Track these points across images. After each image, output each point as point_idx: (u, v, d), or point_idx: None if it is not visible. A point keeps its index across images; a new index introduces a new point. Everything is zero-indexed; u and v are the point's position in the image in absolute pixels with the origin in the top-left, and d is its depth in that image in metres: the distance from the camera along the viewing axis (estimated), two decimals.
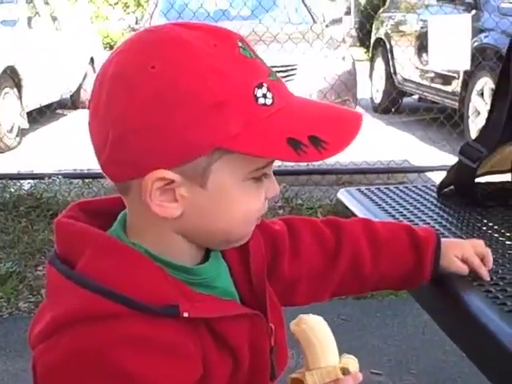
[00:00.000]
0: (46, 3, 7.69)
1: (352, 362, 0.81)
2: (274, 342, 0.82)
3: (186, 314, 0.71)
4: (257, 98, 0.71)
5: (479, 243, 1.00)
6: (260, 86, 0.71)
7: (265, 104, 0.71)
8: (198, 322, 0.73)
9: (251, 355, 0.79)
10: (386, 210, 1.39)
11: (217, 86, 0.69)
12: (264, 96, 0.71)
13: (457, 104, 5.81)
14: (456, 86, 5.93)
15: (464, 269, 0.97)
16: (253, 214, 0.77)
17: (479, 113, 5.49)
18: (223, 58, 0.71)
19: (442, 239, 0.97)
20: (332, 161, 4.58)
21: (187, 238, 0.77)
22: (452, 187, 1.44)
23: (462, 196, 1.39)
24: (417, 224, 1.28)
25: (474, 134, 5.22)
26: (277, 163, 0.81)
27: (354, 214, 1.45)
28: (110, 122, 0.72)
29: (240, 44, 0.73)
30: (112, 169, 0.74)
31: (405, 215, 1.35)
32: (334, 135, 0.73)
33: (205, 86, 0.69)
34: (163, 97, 0.69)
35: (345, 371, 0.79)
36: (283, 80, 0.78)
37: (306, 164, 4.45)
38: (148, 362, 0.68)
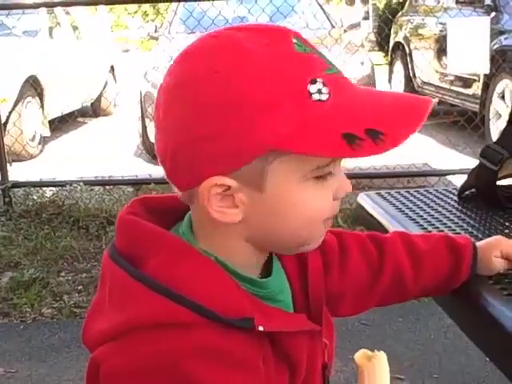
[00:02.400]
0: (67, 13, 7.80)
1: None
2: (327, 359, 0.82)
3: (261, 328, 0.70)
4: (311, 94, 0.68)
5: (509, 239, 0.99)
6: (314, 82, 0.69)
7: (320, 100, 0.69)
8: (263, 335, 0.72)
9: (307, 371, 0.78)
10: (407, 214, 1.39)
11: (267, 87, 0.68)
12: (319, 91, 0.69)
13: (477, 107, 5.77)
14: (476, 88, 5.89)
15: (507, 265, 0.96)
16: (319, 215, 0.74)
17: (500, 115, 5.45)
18: (275, 56, 0.69)
19: (478, 242, 0.96)
20: (351, 165, 4.57)
21: (256, 245, 0.75)
22: (473, 190, 1.43)
23: (484, 199, 1.38)
24: (437, 227, 1.27)
25: (495, 137, 5.16)
26: None
27: (374, 218, 1.44)
28: (168, 131, 0.72)
29: (295, 40, 0.71)
30: (175, 178, 0.74)
31: (425, 219, 1.34)
32: (393, 126, 0.69)
33: (256, 88, 0.68)
34: (214, 103, 0.68)
35: None
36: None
37: None
38: (220, 373, 0.68)
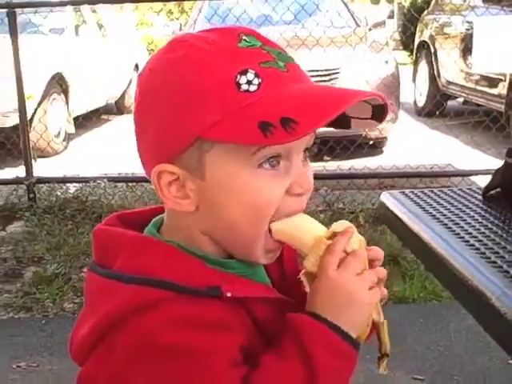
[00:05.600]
0: (93, 11, 7.86)
1: (338, 225, 0.77)
2: None
3: (229, 294, 0.72)
4: (239, 85, 0.71)
5: None
6: (244, 73, 0.71)
7: (248, 90, 0.71)
8: (237, 304, 0.74)
9: None
10: (431, 213, 1.38)
11: (198, 78, 0.72)
12: (248, 82, 0.71)
13: (503, 107, 5.69)
14: (502, 88, 5.81)
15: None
16: (264, 206, 0.74)
17: None
18: (213, 51, 0.73)
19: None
20: (374, 164, 4.54)
21: (213, 240, 0.78)
22: (498, 190, 1.41)
23: (509, 198, 1.37)
24: (462, 227, 1.26)
25: None
26: (318, 167, 0.79)
27: (396, 217, 1.43)
28: (134, 123, 0.79)
29: (244, 37, 0.74)
30: (144, 168, 0.80)
31: (449, 217, 1.33)
32: (306, 115, 0.70)
33: (185, 79, 0.72)
34: (149, 95, 0.76)
35: (335, 236, 0.76)
36: (326, 84, 0.77)
37: (348, 168, 4.43)
38: (198, 337, 0.70)
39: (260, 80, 0.71)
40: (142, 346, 0.71)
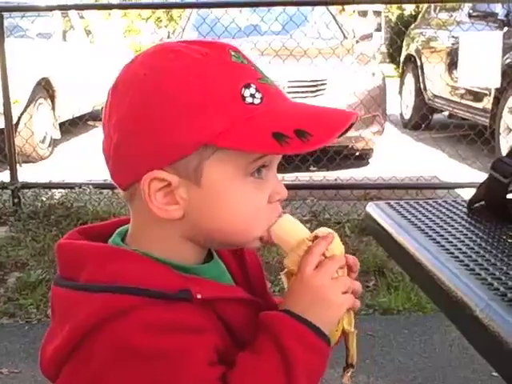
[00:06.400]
0: (81, 17, 7.85)
1: (321, 230, 0.81)
2: None
3: (199, 296, 0.73)
4: (244, 98, 0.74)
5: None
6: (248, 87, 0.75)
7: (252, 103, 0.75)
8: (206, 306, 0.75)
9: None
10: (416, 225, 1.39)
11: (199, 88, 0.73)
12: (252, 96, 0.75)
13: (487, 121, 5.75)
14: (487, 102, 5.88)
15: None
16: (252, 214, 0.78)
17: (511, 130, 5.43)
18: (211, 63, 0.75)
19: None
20: (360, 175, 4.57)
21: (190, 239, 0.79)
22: (483, 203, 1.43)
23: (493, 211, 1.38)
24: (447, 238, 1.27)
25: (505, 151, 5.16)
26: (305, 177, 0.82)
27: (382, 228, 1.44)
28: (111, 131, 0.77)
29: (233, 53, 0.77)
30: (117, 176, 0.79)
31: (434, 230, 1.34)
32: (318, 128, 0.75)
33: (188, 88, 0.73)
34: (150, 99, 0.74)
35: (316, 239, 0.79)
36: (313, 94, 0.80)
37: (334, 178, 4.45)
38: (173, 339, 0.71)
39: (261, 94, 0.76)
40: (118, 350, 0.71)
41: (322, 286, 0.78)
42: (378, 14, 17.98)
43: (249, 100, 0.74)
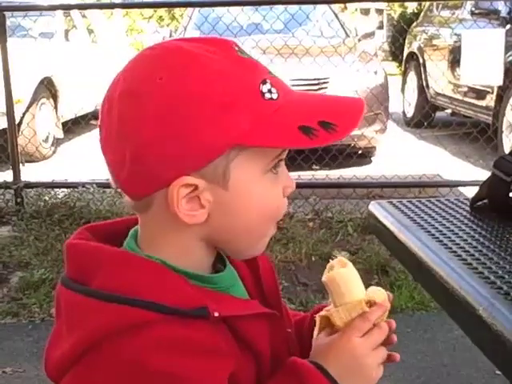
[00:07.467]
0: (83, 16, 7.85)
1: (378, 294, 0.81)
2: (292, 348, 0.84)
3: (216, 314, 0.71)
4: (263, 94, 0.74)
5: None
6: (264, 82, 0.74)
7: (271, 98, 0.74)
8: (219, 322, 0.73)
9: (272, 358, 0.79)
10: (418, 223, 1.39)
11: (224, 87, 0.72)
12: (269, 91, 0.74)
13: (490, 119, 5.74)
14: (490, 100, 5.87)
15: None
16: (273, 210, 0.79)
17: None
18: (224, 60, 0.74)
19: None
20: (363, 174, 4.56)
21: (209, 244, 0.78)
22: (485, 201, 1.43)
23: (496, 209, 1.38)
24: (449, 237, 1.27)
25: (507, 149, 5.15)
26: (307, 176, 0.82)
27: (385, 227, 1.44)
28: (125, 140, 0.72)
29: (236, 48, 0.76)
30: (134, 185, 0.74)
31: (437, 228, 1.34)
32: (340, 118, 0.75)
33: (212, 89, 0.71)
34: (174, 104, 0.71)
35: (371, 304, 0.79)
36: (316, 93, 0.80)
37: (336, 177, 4.45)
38: (188, 363, 0.69)
39: (276, 89, 0.75)
40: (126, 366, 0.69)
41: (365, 356, 0.79)
42: (380, 12, 17.95)
43: (267, 96, 0.74)
